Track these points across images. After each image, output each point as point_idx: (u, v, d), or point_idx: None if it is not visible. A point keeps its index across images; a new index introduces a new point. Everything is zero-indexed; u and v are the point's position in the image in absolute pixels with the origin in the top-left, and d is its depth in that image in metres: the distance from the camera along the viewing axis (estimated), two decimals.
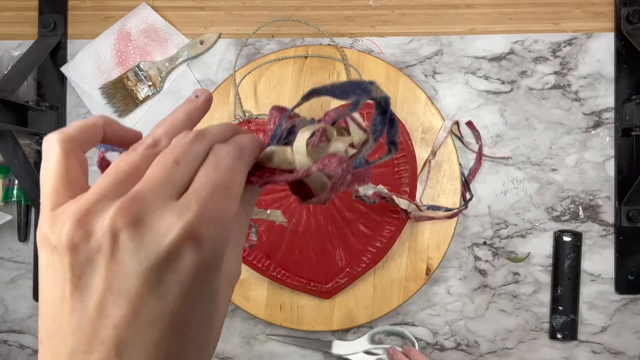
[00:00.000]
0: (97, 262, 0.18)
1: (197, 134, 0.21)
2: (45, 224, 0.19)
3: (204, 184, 0.19)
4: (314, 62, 0.64)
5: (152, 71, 0.66)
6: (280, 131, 0.24)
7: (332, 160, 0.22)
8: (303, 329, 0.64)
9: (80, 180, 0.21)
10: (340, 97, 0.23)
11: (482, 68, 0.66)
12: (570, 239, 0.64)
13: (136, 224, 0.18)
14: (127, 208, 0.18)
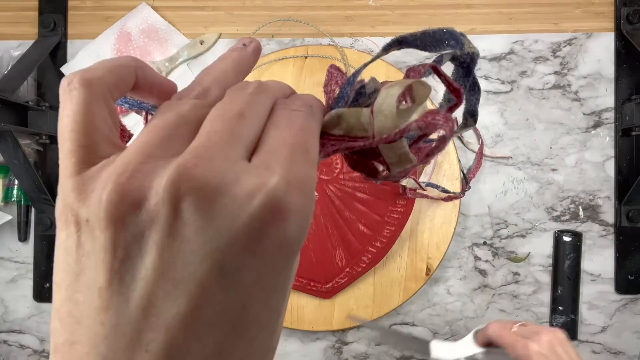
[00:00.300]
0: (149, 241, 0.14)
1: (259, 84, 0.17)
2: (71, 192, 0.14)
3: (281, 142, 0.15)
4: (314, 62, 0.64)
5: None
6: (349, 91, 0.19)
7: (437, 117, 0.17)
8: (303, 329, 0.64)
9: (111, 134, 0.16)
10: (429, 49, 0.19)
11: (482, 68, 0.66)
12: (570, 239, 0.64)
13: (205, 189, 0.13)
14: (192, 168, 0.13)
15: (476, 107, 0.21)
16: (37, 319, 0.68)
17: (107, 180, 0.14)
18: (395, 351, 0.66)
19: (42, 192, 0.65)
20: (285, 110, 0.17)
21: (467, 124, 0.22)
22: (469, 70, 0.20)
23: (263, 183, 0.14)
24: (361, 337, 0.66)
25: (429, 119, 0.17)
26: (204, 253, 0.13)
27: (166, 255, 0.13)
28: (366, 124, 0.18)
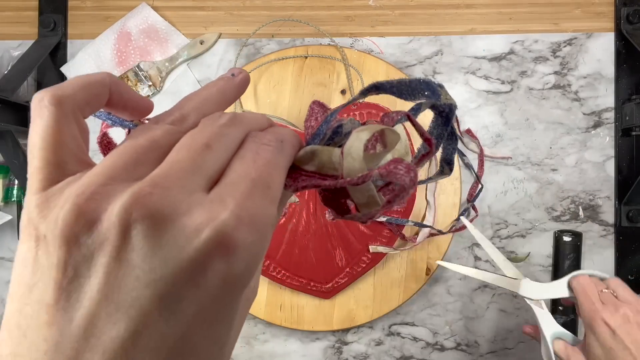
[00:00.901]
0: (97, 263, 0.14)
1: (233, 116, 0.18)
2: (34, 207, 0.15)
3: (242, 176, 0.15)
4: (314, 62, 0.64)
5: (152, 71, 0.66)
6: (325, 130, 0.20)
7: (399, 167, 0.17)
8: (303, 329, 0.64)
9: (79, 152, 0.16)
10: (405, 97, 0.20)
11: (482, 68, 0.66)
12: (570, 239, 0.64)
13: (156, 217, 0.14)
14: (146, 196, 0.14)
15: (452, 157, 0.22)
16: None
17: (66, 200, 0.14)
18: (395, 351, 0.66)
19: None
20: (254, 144, 0.17)
21: (443, 172, 0.22)
22: (448, 119, 0.20)
23: (213, 217, 0.14)
24: (361, 337, 0.66)
25: (390, 167, 0.17)
26: (148, 280, 0.13)
27: (111, 279, 0.13)
28: (337, 164, 0.18)
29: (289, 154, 0.18)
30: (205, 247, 0.14)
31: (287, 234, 0.61)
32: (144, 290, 0.13)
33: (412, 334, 0.66)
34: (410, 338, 0.66)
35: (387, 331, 0.66)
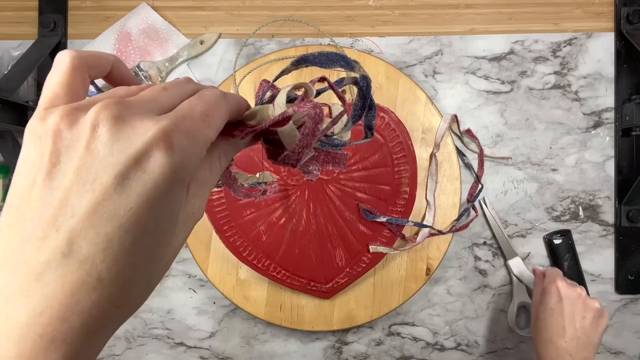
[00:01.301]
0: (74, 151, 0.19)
1: (189, 79, 0.24)
2: (37, 120, 0.19)
3: (184, 106, 0.21)
4: None
5: (152, 71, 0.66)
6: (264, 97, 0.26)
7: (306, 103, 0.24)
8: (303, 329, 0.64)
9: (79, 93, 0.22)
10: (325, 66, 0.26)
11: (482, 68, 0.66)
12: (561, 240, 0.64)
13: (117, 119, 0.19)
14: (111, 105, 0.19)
15: (372, 123, 0.27)
16: None
17: (58, 109, 0.19)
18: (395, 351, 0.66)
19: None
20: (200, 91, 0.22)
21: (366, 137, 0.27)
22: (367, 90, 0.26)
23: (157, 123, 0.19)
24: (361, 337, 0.66)
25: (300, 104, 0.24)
26: (107, 163, 0.18)
27: (82, 163, 0.18)
28: (272, 115, 0.24)
29: (230, 103, 0.23)
30: (148, 141, 0.19)
31: (287, 234, 0.61)
32: (104, 170, 0.18)
33: (412, 334, 0.66)
34: (410, 338, 0.66)
35: (387, 331, 0.66)
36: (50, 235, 0.18)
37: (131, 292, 0.19)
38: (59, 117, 0.19)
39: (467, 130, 0.65)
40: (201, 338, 0.67)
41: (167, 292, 0.67)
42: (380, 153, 0.61)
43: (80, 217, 0.18)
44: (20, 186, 0.19)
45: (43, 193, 0.18)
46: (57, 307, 0.18)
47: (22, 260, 0.18)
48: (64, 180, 0.18)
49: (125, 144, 0.19)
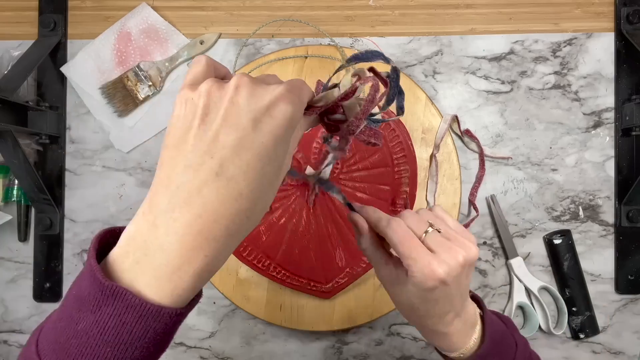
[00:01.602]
0: (221, 104, 0.26)
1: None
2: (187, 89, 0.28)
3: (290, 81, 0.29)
4: (314, 62, 0.64)
5: (152, 71, 0.66)
6: (327, 86, 0.34)
7: (368, 77, 0.33)
8: (303, 329, 0.64)
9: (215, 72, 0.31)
10: (370, 60, 0.33)
11: (482, 68, 0.66)
12: (561, 240, 0.64)
13: (252, 82, 0.27)
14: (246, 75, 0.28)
15: (402, 104, 0.35)
16: (37, 319, 0.68)
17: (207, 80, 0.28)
18: (395, 351, 0.66)
19: (42, 192, 0.64)
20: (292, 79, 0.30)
21: (398, 114, 0.36)
22: (397, 80, 0.34)
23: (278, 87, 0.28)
24: (361, 337, 0.66)
25: (362, 79, 0.32)
26: (247, 111, 0.26)
27: (228, 112, 0.26)
28: (336, 97, 0.32)
29: (308, 89, 0.31)
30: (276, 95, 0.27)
31: (287, 234, 0.61)
32: (244, 116, 0.26)
33: (412, 334, 0.66)
34: (410, 338, 0.66)
35: (387, 331, 0.66)
36: (206, 161, 0.26)
37: (257, 207, 0.27)
38: (209, 83, 0.27)
39: (467, 131, 0.65)
40: (201, 338, 0.67)
41: None
42: (380, 153, 0.61)
43: (228, 148, 0.26)
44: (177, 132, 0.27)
45: (199, 133, 0.26)
46: (211, 212, 0.25)
47: (185, 179, 0.26)
48: (214, 124, 0.26)
49: (259, 97, 0.27)
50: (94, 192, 0.68)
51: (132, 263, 0.26)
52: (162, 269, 0.25)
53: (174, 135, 0.27)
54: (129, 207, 0.68)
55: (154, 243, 0.25)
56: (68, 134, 0.68)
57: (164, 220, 0.25)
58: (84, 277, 0.26)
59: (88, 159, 0.68)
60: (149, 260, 0.25)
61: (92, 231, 0.68)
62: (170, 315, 0.25)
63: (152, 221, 0.26)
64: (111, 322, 0.24)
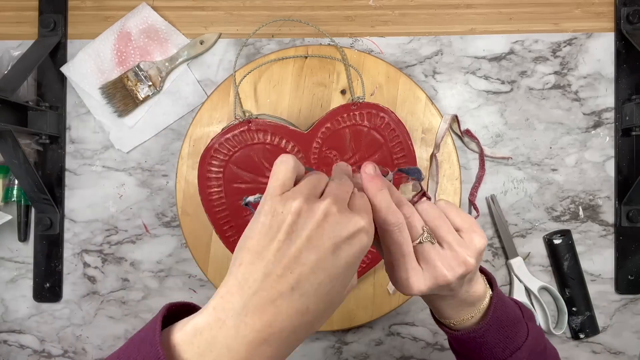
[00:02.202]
0: (308, 225, 0.29)
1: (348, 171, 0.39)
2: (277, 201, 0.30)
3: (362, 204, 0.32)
4: (314, 62, 0.64)
5: (152, 71, 0.66)
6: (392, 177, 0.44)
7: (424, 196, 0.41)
8: None
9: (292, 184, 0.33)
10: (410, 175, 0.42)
11: (482, 68, 0.66)
12: (561, 240, 0.64)
13: (340, 212, 0.30)
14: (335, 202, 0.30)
15: (420, 181, 0.42)
16: (37, 319, 0.68)
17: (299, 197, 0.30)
18: (395, 351, 0.66)
19: (42, 192, 0.64)
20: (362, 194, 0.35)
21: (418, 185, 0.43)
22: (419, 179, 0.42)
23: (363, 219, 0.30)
24: (361, 337, 0.66)
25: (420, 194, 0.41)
26: (330, 237, 0.29)
27: (313, 233, 0.28)
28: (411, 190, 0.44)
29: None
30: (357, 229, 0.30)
31: None
32: (327, 241, 0.28)
33: (412, 334, 0.66)
34: (410, 338, 0.66)
35: (387, 331, 0.66)
36: (285, 274, 0.27)
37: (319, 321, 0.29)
38: (300, 203, 0.29)
39: (467, 131, 0.65)
40: None
41: (167, 292, 0.67)
42: (380, 153, 0.61)
43: (307, 266, 0.28)
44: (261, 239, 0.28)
45: (283, 247, 0.28)
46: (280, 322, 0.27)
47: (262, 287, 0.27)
48: (298, 242, 0.28)
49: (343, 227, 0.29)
50: (94, 192, 0.68)
51: (195, 355, 0.26)
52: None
53: (258, 241, 0.28)
54: (128, 207, 0.68)
55: (221, 342, 0.26)
56: (68, 134, 0.68)
57: (235, 322, 0.27)
58: (142, 346, 0.27)
59: (88, 159, 0.68)
60: (214, 356, 0.26)
61: (92, 231, 0.68)
62: None
63: (223, 320, 0.27)
64: None
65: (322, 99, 0.64)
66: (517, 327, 0.40)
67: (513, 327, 0.39)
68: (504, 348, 0.39)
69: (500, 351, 0.39)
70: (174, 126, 0.68)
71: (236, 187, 0.60)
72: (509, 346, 0.39)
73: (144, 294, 0.68)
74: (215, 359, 0.26)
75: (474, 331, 0.38)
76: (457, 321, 0.39)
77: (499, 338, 0.39)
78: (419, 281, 0.35)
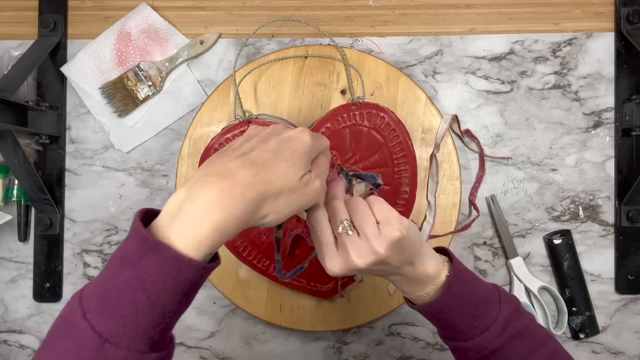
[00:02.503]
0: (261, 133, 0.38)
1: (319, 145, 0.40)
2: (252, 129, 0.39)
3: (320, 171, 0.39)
4: (314, 62, 0.64)
5: (152, 71, 0.66)
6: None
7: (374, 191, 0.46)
8: (303, 329, 0.64)
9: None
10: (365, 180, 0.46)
11: (482, 68, 0.66)
12: (561, 240, 0.64)
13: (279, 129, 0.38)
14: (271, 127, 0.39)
15: (377, 186, 0.47)
16: (37, 319, 0.69)
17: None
18: (395, 351, 0.66)
19: (42, 192, 0.64)
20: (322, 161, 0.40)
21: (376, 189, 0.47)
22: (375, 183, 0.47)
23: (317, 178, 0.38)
24: (361, 337, 0.66)
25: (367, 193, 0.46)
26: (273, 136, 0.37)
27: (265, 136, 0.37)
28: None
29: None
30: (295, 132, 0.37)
31: (287, 234, 0.61)
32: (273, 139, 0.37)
33: (412, 334, 0.66)
34: (410, 338, 0.66)
35: (387, 331, 0.66)
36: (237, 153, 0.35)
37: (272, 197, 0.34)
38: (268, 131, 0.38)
39: (467, 131, 0.65)
40: (201, 338, 0.67)
41: None
42: (380, 153, 0.61)
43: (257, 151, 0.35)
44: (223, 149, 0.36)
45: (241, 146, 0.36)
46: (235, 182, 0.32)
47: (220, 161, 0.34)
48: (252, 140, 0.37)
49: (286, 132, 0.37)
50: (94, 192, 0.68)
51: (168, 219, 0.31)
52: (189, 218, 0.30)
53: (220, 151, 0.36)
54: (129, 207, 0.68)
55: (187, 200, 0.31)
56: (68, 134, 0.68)
57: (198, 184, 0.31)
58: (128, 239, 0.31)
59: (88, 159, 0.68)
60: (181, 213, 0.30)
61: (92, 231, 0.68)
62: (198, 267, 0.30)
63: (189, 187, 0.32)
64: (149, 272, 0.29)
65: (322, 99, 0.64)
66: (484, 306, 0.41)
67: (479, 307, 0.41)
68: (471, 326, 0.41)
69: (467, 329, 0.41)
70: (174, 126, 0.68)
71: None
72: (476, 325, 0.41)
73: None
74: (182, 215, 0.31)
75: (430, 306, 0.41)
76: (414, 296, 0.42)
77: (462, 317, 0.41)
78: (334, 265, 0.39)
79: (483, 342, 0.40)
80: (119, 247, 0.32)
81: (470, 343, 0.41)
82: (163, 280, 0.29)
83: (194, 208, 0.31)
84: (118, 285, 0.29)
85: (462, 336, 0.42)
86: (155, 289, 0.29)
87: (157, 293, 0.29)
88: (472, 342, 0.41)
